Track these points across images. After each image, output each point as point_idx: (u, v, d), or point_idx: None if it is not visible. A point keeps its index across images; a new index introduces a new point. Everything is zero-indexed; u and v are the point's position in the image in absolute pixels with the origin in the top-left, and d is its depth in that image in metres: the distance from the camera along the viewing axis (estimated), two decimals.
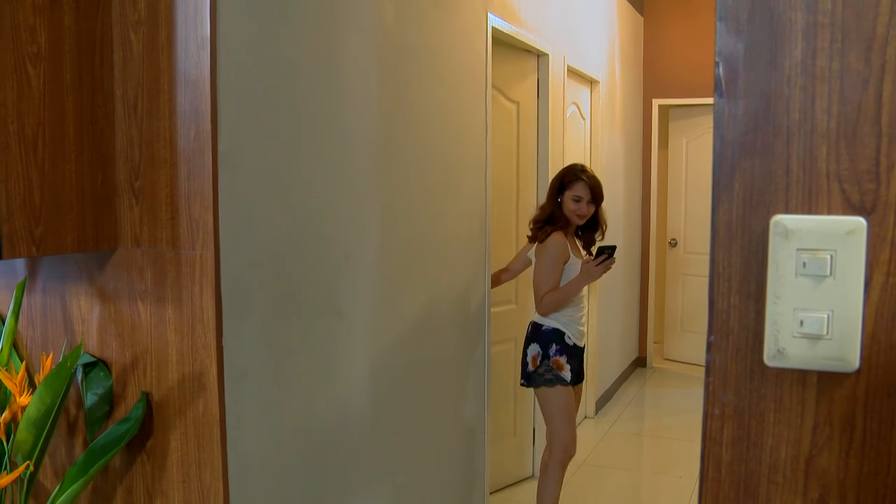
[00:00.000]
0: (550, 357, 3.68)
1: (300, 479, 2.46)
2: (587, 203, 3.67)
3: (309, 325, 2.47)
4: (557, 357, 3.67)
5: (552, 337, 3.70)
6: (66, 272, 2.25)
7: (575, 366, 3.74)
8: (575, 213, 3.68)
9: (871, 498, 0.77)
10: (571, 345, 3.71)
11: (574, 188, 3.68)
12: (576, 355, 3.75)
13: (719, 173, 0.80)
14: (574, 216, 3.69)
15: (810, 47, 0.76)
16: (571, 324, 3.73)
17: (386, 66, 2.86)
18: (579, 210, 3.67)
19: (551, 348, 3.68)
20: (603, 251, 3.58)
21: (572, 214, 3.68)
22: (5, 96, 1.83)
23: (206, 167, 2.01)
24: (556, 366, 3.67)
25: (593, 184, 3.68)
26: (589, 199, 3.67)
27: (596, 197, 3.70)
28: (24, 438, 2.03)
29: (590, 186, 3.67)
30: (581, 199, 3.67)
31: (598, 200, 3.72)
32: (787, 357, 0.78)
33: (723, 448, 0.81)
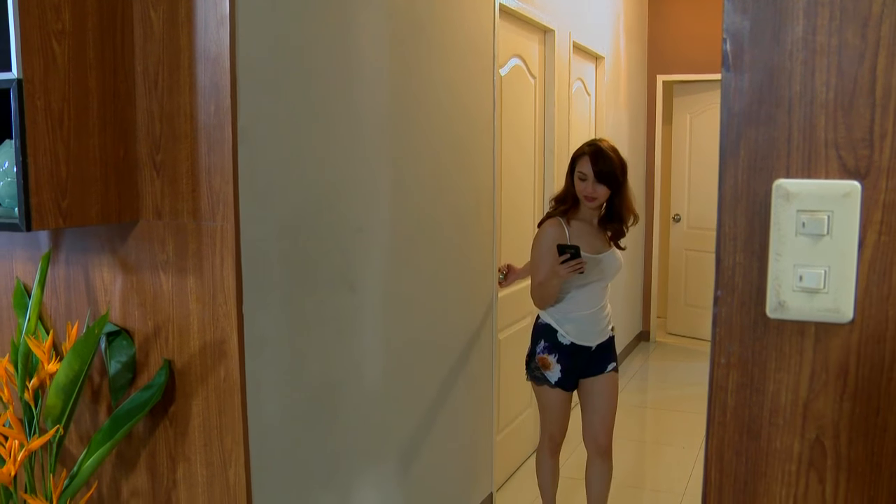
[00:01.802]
0: (536, 354, 3.43)
1: (315, 443, 2.55)
2: (592, 182, 3.20)
3: (323, 294, 2.54)
4: (544, 355, 3.40)
5: (542, 333, 3.43)
6: (89, 244, 2.32)
7: (572, 365, 3.39)
8: (582, 194, 3.25)
9: (862, 437, 0.84)
10: (567, 343, 3.37)
11: (579, 164, 3.25)
12: (574, 354, 3.39)
13: (726, 141, 0.87)
14: (582, 198, 3.26)
15: (811, 24, 0.82)
16: (568, 321, 3.37)
17: (396, 41, 2.91)
18: (584, 190, 3.23)
19: (539, 345, 3.43)
20: (563, 250, 3.13)
21: (580, 195, 3.26)
22: (33, 73, 1.89)
23: (226, 141, 2.08)
24: (542, 364, 3.41)
25: (598, 158, 3.19)
26: (593, 177, 3.20)
27: (603, 175, 3.20)
28: (54, 403, 2.11)
29: (592, 161, 3.19)
30: (586, 178, 3.22)
31: (606, 180, 3.20)
32: (788, 309, 0.86)
33: (728, 394, 0.88)
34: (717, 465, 0.90)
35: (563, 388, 3.41)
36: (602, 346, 3.45)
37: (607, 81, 6.00)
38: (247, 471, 2.19)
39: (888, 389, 0.83)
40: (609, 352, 3.50)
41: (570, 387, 3.44)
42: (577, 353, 3.39)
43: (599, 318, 3.42)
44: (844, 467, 0.86)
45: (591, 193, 3.23)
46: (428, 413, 3.32)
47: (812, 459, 0.87)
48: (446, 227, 3.40)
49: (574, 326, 3.37)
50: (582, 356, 3.41)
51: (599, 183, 3.21)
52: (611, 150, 3.27)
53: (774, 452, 0.88)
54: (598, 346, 3.43)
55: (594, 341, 3.41)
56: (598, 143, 3.29)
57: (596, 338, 3.42)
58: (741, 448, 0.89)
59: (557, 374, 3.38)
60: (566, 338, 3.37)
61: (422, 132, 3.14)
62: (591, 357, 3.44)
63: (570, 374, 3.41)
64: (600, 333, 3.43)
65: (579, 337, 3.38)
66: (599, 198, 3.24)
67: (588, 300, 3.37)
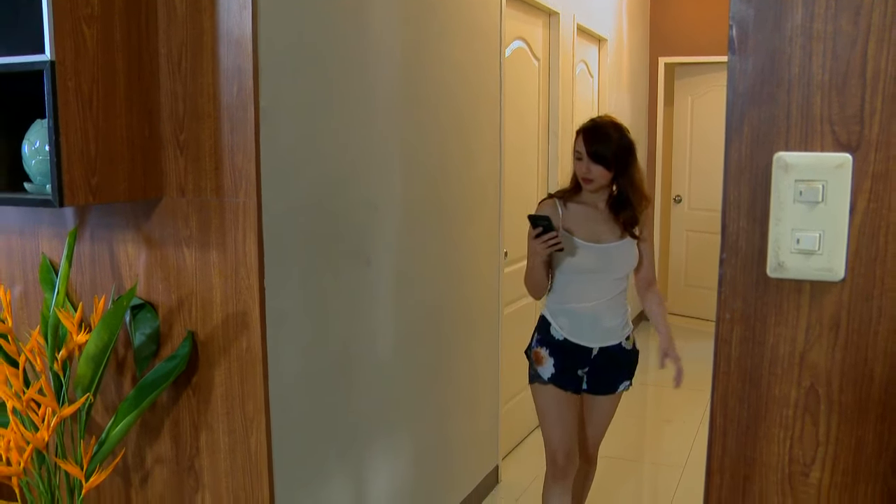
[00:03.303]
0: (532, 348, 3.09)
1: (332, 412, 2.64)
2: (587, 162, 2.86)
3: (340, 268, 2.64)
4: (538, 349, 3.05)
5: (538, 326, 3.10)
6: (114, 221, 2.41)
7: (568, 364, 3.01)
8: (579, 175, 2.93)
9: (852, 384, 0.94)
10: (560, 339, 3.00)
11: (576, 141, 2.93)
12: (569, 353, 3.01)
13: (731, 118, 0.96)
14: (579, 179, 2.94)
15: (809, 13, 0.91)
16: (561, 312, 3.02)
17: (407, 24, 3.00)
18: (579, 170, 2.90)
19: (534, 337, 3.09)
20: (535, 223, 2.82)
21: (578, 176, 2.95)
22: (64, 55, 1.97)
23: (248, 121, 2.16)
24: (535, 359, 3.06)
25: (593, 136, 2.88)
26: (587, 156, 2.86)
27: (598, 155, 2.85)
28: (84, 373, 2.20)
29: (586, 139, 2.87)
30: (581, 157, 2.89)
31: (602, 160, 2.85)
32: (786, 269, 0.95)
33: (732, 347, 0.98)
34: (722, 412, 1.00)
35: (557, 385, 3.02)
36: (612, 356, 3.02)
37: (610, 64, 6.08)
38: (268, 438, 2.29)
39: (875, 341, 0.93)
40: (623, 368, 3.08)
41: (567, 385, 3.02)
42: (573, 352, 3.00)
43: (602, 317, 2.97)
44: (836, 411, 0.96)
45: (586, 174, 2.88)
46: (437, 384, 3.42)
47: (807, 405, 0.97)
48: (454, 206, 3.49)
49: (568, 320, 3.00)
50: (579, 357, 3.01)
51: (595, 163, 2.85)
52: (612, 127, 2.91)
53: (773, 399, 0.98)
54: (604, 352, 3.00)
55: (594, 342, 2.99)
56: (597, 120, 2.95)
57: (596, 339, 2.99)
58: (743, 395, 0.99)
59: (551, 370, 3.01)
60: (559, 332, 3.00)
61: (431, 113, 3.23)
62: (597, 366, 3.03)
63: (567, 372, 3.02)
64: (603, 335, 2.99)
65: (574, 333, 2.99)
66: (596, 179, 2.88)
67: (585, 292, 2.96)
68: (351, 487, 2.81)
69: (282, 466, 2.35)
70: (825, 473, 0.97)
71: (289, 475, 2.40)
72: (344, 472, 2.74)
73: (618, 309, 3.01)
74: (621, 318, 3.03)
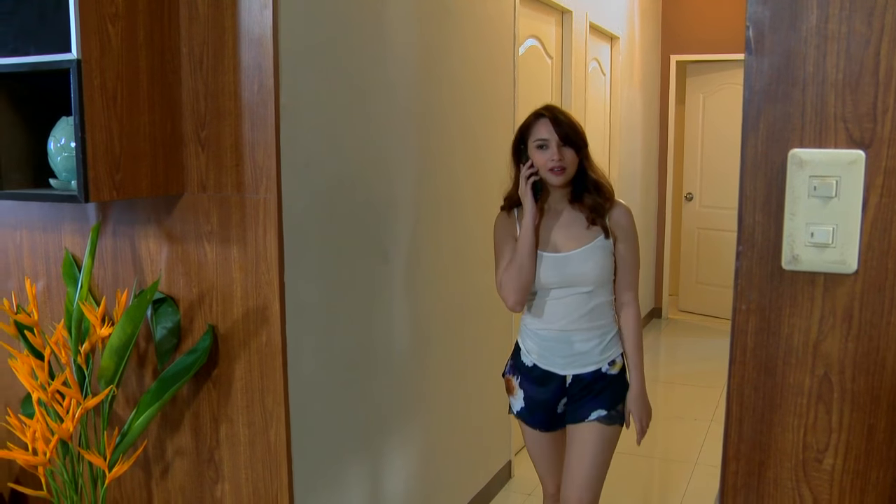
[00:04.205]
0: (505, 374, 2.78)
1: (349, 406, 2.68)
2: (557, 146, 2.48)
3: (357, 264, 2.68)
4: (510, 375, 2.73)
5: (514, 348, 2.77)
6: (135, 217, 2.45)
7: (539, 398, 2.64)
8: (546, 168, 2.50)
9: (864, 372, 0.98)
10: (530, 365, 2.65)
11: (534, 130, 2.54)
12: (540, 382, 2.64)
13: (748, 116, 1.00)
14: (548, 173, 2.50)
15: (823, 14, 0.95)
16: (529, 336, 2.67)
17: (424, 23, 3.03)
18: (550, 160, 2.48)
19: (508, 362, 2.78)
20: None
21: (544, 170, 2.50)
22: (90, 53, 2.02)
23: (269, 118, 2.20)
24: (507, 387, 2.75)
25: (558, 116, 2.53)
26: (557, 140, 2.48)
27: (570, 137, 2.50)
28: (107, 365, 2.25)
29: (554, 123, 2.51)
30: (547, 143, 2.49)
31: (573, 141, 2.51)
32: (800, 262, 0.99)
33: (748, 336, 1.02)
34: (738, 400, 1.04)
35: (525, 423, 2.72)
36: (587, 383, 2.61)
37: (622, 62, 6.10)
38: (287, 431, 2.33)
39: (887, 331, 0.97)
40: (600, 395, 2.60)
41: (537, 422, 2.69)
42: (545, 381, 2.64)
43: (573, 339, 2.58)
44: (849, 399, 0.99)
45: (559, 161, 2.48)
46: (451, 378, 3.46)
47: (821, 393, 1.00)
48: (469, 202, 3.52)
49: (535, 344, 2.64)
50: (553, 388, 2.63)
51: (566, 146, 2.50)
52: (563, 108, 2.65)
53: (788, 387, 1.01)
54: (579, 380, 2.61)
55: (566, 369, 2.60)
56: (552, 105, 2.63)
57: (568, 365, 2.60)
58: (759, 384, 1.03)
59: (520, 403, 2.69)
60: (528, 357, 2.66)
61: (447, 111, 3.26)
62: (572, 396, 2.63)
63: (537, 410, 2.67)
64: (576, 361, 2.59)
65: (543, 358, 2.63)
66: (569, 166, 2.51)
67: (551, 311, 2.60)
68: (367, 479, 2.86)
69: (300, 458, 2.39)
70: (838, 459, 1.01)
71: (307, 467, 2.44)
72: (360, 464, 2.78)
73: (593, 329, 2.59)
74: (598, 340, 2.59)
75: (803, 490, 1.03)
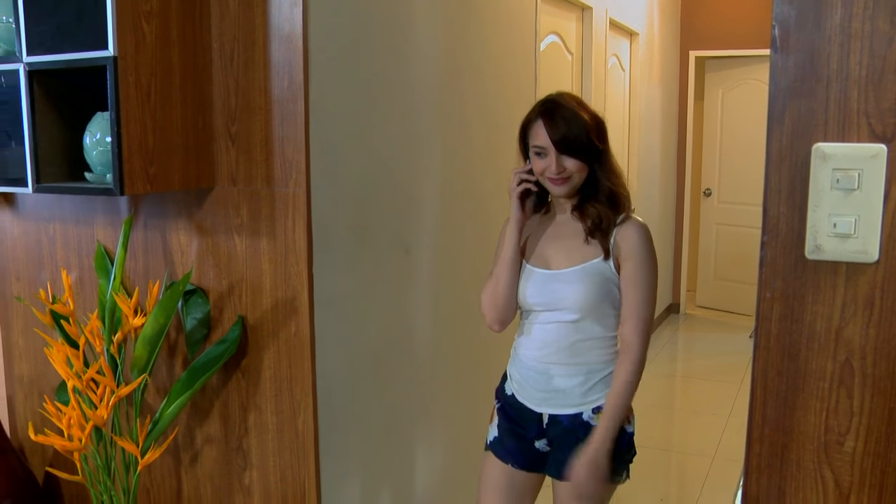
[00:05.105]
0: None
1: (374, 396, 2.73)
2: (555, 156, 2.10)
3: (382, 257, 2.73)
4: (495, 400, 2.41)
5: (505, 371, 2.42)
6: (166, 210, 2.51)
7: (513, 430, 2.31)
8: (546, 178, 2.15)
9: (885, 358, 1.02)
10: (509, 394, 2.33)
11: (531, 134, 2.18)
12: (516, 416, 2.30)
13: (773, 111, 1.04)
14: (547, 181, 2.16)
15: (847, 13, 0.99)
16: (513, 361, 2.36)
17: (448, 20, 3.08)
18: (547, 170, 2.12)
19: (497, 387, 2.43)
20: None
21: (543, 179, 2.16)
22: (126, 50, 2.07)
23: (298, 114, 2.25)
24: (490, 414, 2.42)
25: (556, 118, 2.11)
26: (554, 148, 2.10)
27: (571, 146, 2.09)
28: (140, 354, 2.31)
29: (548, 125, 2.11)
30: (544, 152, 2.12)
31: (576, 148, 2.10)
32: (823, 251, 1.03)
33: (772, 323, 1.06)
34: (762, 384, 1.08)
35: (496, 455, 2.34)
36: (568, 431, 2.21)
37: (641, 57, 6.12)
38: (315, 419, 2.38)
39: None
40: (574, 447, 2.18)
41: (508, 456, 2.31)
42: (521, 416, 2.29)
43: (552, 372, 2.22)
44: (870, 384, 1.04)
45: (557, 172, 2.11)
46: (473, 371, 3.50)
47: (842, 378, 1.05)
48: (491, 197, 3.56)
49: (517, 372, 2.31)
50: (529, 424, 2.27)
51: (566, 155, 2.11)
52: (574, 102, 2.17)
53: (810, 372, 1.06)
54: (557, 423, 2.23)
55: (540, 406, 2.24)
56: (556, 98, 2.18)
57: (542, 402, 2.24)
58: (782, 369, 1.07)
59: (494, 432, 2.36)
60: (510, 385, 2.34)
61: (470, 107, 3.30)
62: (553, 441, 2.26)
63: (510, 439, 2.31)
64: (553, 398, 2.22)
65: (520, 389, 2.29)
66: (575, 174, 2.13)
67: (533, 335, 2.26)
68: (392, 468, 2.91)
69: (327, 446, 2.44)
70: (859, 442, 1.05)
71: (333, 455, 2.49)
72: (385, 453, 2.83)
73: (576, 365, 2.20)
74: (582, 378, 2.19)
75: (825, 471, 1.07)
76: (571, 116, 2.11)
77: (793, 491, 1.09)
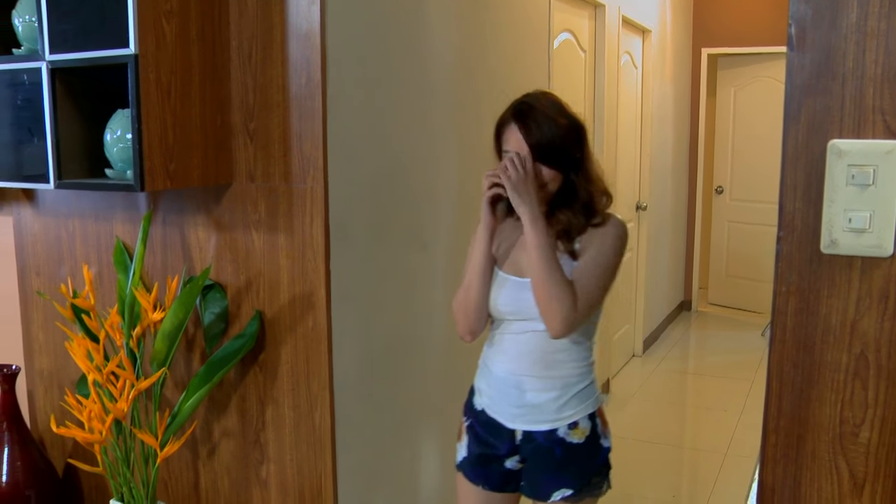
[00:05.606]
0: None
1: (389, 391, 2.76)
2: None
3: (398, 253, 2.75)
4: (462, 417, 2.31)
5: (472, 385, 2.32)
6: (185, 206, 2.53)
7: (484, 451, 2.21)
8: None
9: None
10: (479, 410, 2.23)
11: (504, 137, 2.09)
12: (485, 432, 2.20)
13: (789, 109, 1.06)
14: None
15: (863, 11, 1.01)
16: (482, 374, 2.25)
17: (463, 17, 3.10)
18: None
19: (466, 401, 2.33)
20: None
21: None
22: (146, 49, 2.10)
23: (316, 110, 2.28)
24: (458, 431, 2.33)
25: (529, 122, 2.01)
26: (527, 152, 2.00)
27: (544, 149, 1.99)
28: (160, 348, 2.34)
29: (523, 129, 2.01)
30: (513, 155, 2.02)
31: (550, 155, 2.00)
32: (838, 246, 1.05)
33: (787, 317, 1.08)
34: (778, 376, 1.10)
35: (466, 477, 2.27)
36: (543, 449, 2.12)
37: (654, 55, 6.13)
38: (331, 413, 2.40)
39: None
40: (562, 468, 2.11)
41: (478, 478, 2.23)
42: (492, 431, 2.18)
43: (524, 385, 2.11)
44: (884, 376, 1.06)
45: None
46: None
47: (857, 370, 1.07)
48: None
49: (487, 385, 2.21)
50: (501, 441, 2.17)
51: (538, 163, 2.01)
52: (551, 105, 2.04)
53: (826, 364, 1.08)
54: (531, 439, 2.13)
55: (514, 421, 2.14)
56: (530, 100, 2.06)
57: (515, 417, 2.14)
58: (798, 361, 1.09)
59: (463, 452, 2.27)
60: (480, 399, 2.24)
61: (483, 105, 3.32)
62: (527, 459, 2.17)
63: (479, 462, 2.23)
64: (527, 414, 2.12)
65: (492, 404, 2.18)
66: (546, 186, 2.03)
67: (505, 345, 2.15)
68: (406, 463, 2.93)
69: (343, 441, 2.46)
70: (874, 433, 1.07)
71: (350, 449, 2.51)
72: (400, 448, 2.86)
73: (551, 378, 2.10)
74: (557, 393, 2.09)
75: (840, 462, 1.09)
76: (546, 121, 1.99)
77: (808, 481, 1.11)
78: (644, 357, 6.24)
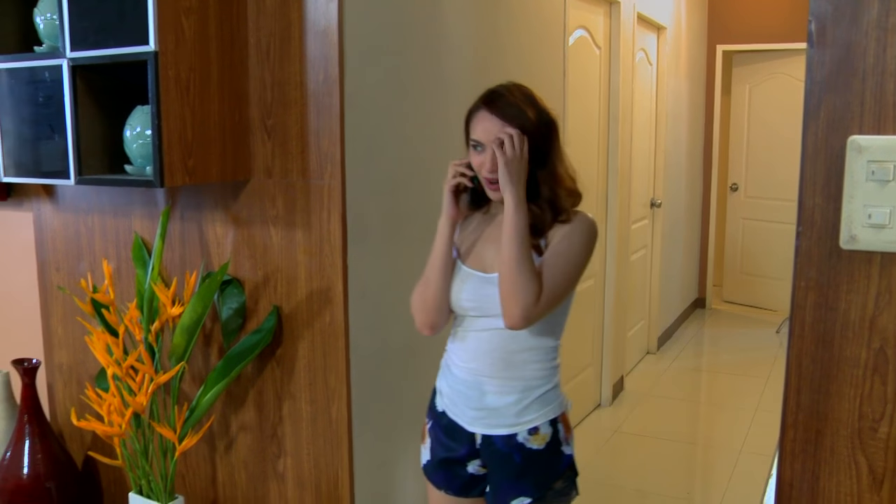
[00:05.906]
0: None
1: (404, 386, 2.77)
2: (491, 153, 1.92)
3: (415, 249, 2.75)
4: (426, 419, 2.23)
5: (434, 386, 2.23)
6: (203, 202, 2.55)
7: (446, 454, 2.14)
8: (480, 175, 1.97)
9: None
10: (440, 411, 2.15)
11: (472, 126, 2.01)
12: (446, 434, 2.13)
13: (809, 105, 1.07)
14: (482, 180, 1.97)
15: (884, 8, 1.01)
16: (443, 374, 2.18)
17: (478, 15, 3.10)
18: (482, 166, 1.95)
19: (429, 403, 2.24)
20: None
21: (480, 177, 1.98)
22: (166, 46, 2.12)
23: (333, 107, 2.29)
24: (422, 434, 2.25)
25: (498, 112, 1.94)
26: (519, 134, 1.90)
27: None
28: (179, 343, 2.36)
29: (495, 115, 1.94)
30: (481, 147, 1.96)
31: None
32: (858, 241, 1.06)
33: (806, 312, 1.09)
34: (797, 371, 1.11)
35: (430, 481, 2.22)
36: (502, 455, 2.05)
37: (669, 52, 6.12)
38: (348, 408, 2.42)
39: None
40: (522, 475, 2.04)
41: (442, 482, 2.17)
42: (452, 434, 2.11)
43: (485, 386, 2.03)
44: None
45: (491, 171, 1.93)
46: None
47: (876, 365, 1.07)
48: None
49: (448, 385, 2.13)
50: (461, 444, 2.10)
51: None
52: (522, 97, 1.97)
53: (844, 360, 1.08)
54: (490, 444, 2.06)
55: (472, 425, 2.07)
56: (501, 90, 2.00)
57: (474, 420, 2.06)
58: (816, 356, 1.10)
59: (426, 455, 2.21)
60: (441, 400, 2.16)
61: None
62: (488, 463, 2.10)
63: (441, 466, 2.16)
64: (486, 417, 2.04)
65: (452, 405, 2.11)
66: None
67: (469, 348, 2.06)
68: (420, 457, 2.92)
69: (360, 435, 2.48)
70: (893, 428, 1.07)
71: (366, 443, 2.53)
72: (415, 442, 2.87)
73: (512, 380, 2.02)
74: (517, 396, 2.01)
75: (858, 457, 1.09)
76: (514, 111, 1.93)
77: (826, 476, 1.11)
78: (658, 354, 6.23)
